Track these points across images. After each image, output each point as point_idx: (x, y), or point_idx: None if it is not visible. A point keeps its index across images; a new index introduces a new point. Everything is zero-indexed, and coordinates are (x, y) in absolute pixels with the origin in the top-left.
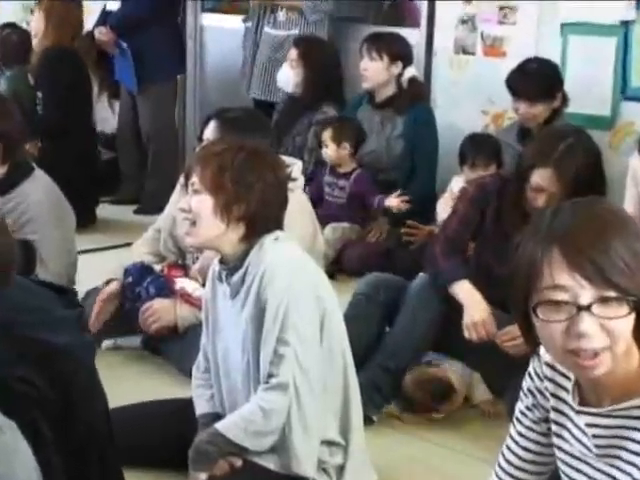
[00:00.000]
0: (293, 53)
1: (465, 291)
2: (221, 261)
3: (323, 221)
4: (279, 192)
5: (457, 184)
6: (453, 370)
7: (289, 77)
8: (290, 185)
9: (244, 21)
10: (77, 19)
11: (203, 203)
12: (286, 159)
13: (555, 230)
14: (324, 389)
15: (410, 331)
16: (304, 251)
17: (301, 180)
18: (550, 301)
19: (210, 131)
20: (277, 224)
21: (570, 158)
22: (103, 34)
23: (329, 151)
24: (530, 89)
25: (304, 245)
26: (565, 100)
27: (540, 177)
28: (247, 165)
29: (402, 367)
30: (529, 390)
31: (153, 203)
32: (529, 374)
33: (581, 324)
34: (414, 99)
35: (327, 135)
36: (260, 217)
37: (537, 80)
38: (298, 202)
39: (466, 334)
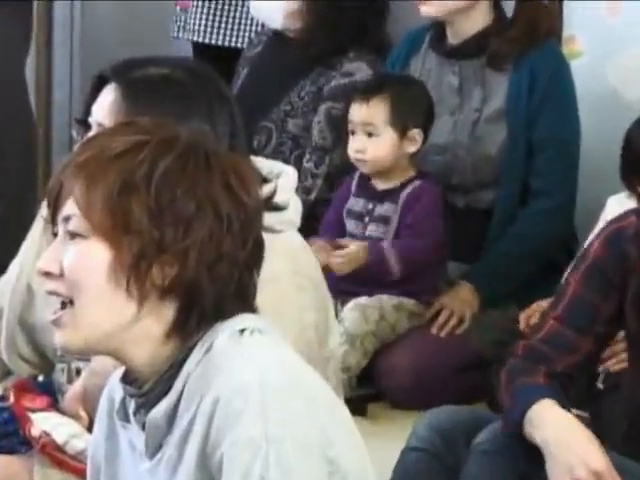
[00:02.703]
0: None
1: (553, 415)
2: (126, 379)
3: (339, 295)
4: (245, 234)
5: (615, 208)
6: None
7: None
8: (270, 220)
9: None
10: None
11: (89, 260)
12: (262, 163)
13: None
14: None
15: None
16: (301, 359)
17: (296, 208)
18: None
19: (104, 106)
20: (242, 302)
21: None
22: None
23: (355, 141)
24: None
25: (301, 347)
26: None
27: None
28: (180, 179)
29: None
30: None
31: None
32: None
33: None
34: (530, 39)
35: (356, 106)
36: (206, 287)
37: None
38: (290, 257)
39: None
